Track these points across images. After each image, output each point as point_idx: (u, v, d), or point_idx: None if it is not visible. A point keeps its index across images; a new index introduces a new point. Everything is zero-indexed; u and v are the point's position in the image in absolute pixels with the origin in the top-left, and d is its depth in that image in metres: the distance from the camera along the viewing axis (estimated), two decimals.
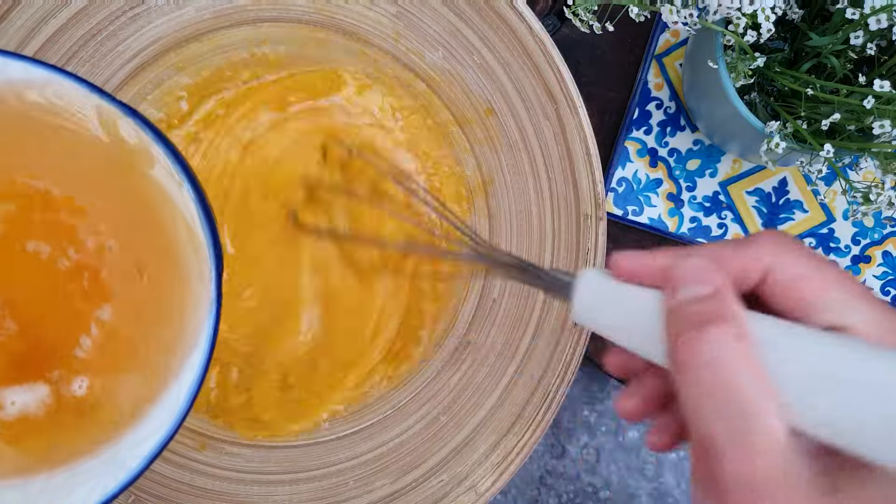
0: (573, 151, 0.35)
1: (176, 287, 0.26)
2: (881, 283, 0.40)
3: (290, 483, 0.35)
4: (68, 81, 0.24)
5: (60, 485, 0.25)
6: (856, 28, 0.28)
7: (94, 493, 0.24)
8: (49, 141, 0.25)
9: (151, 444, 0.24)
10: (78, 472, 0.25)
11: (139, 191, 0.26)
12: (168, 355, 0.26)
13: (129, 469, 0.24)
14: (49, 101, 0.24)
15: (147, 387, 0.26)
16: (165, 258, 0.26)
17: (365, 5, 0.35)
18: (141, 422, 0.25)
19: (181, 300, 0.26)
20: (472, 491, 0.34)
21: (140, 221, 0.26)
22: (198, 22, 0.35)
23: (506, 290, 0.36)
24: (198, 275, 0.25)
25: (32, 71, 0.24)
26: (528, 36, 0.34)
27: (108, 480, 0.24)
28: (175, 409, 0.25)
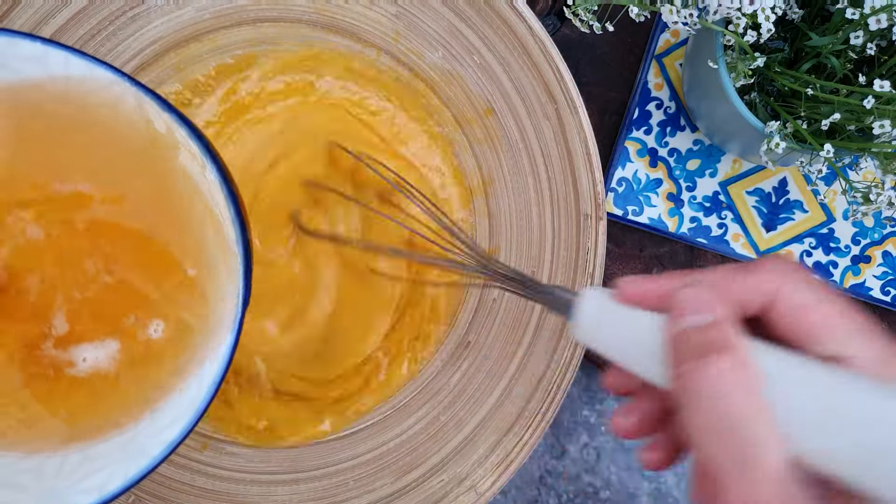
0: (573, 151, 0.35)
1: (204, 275, 0.26)
2: (881, 283, 0.40)
3: (290, 483, 0.35)
4: (103, 70, 0.24)
5: (73, 469, 0.25)
6: (856, 28, 0.28)
7: (114, 478, 0.24)
8: (83, 140, 0.26)
9: (175, 431, 0.24)
10: (91, 455, 0.25)
11: (168, 181, 0.26)
12: (193, 343, 0.26)
13: (152, 456, 0.24)
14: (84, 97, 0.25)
15: (172, 373, 0.26)
16: (196, 252, 0.26)
17: (365, 5, 0.35)
18: (162, 407, 0.26)
19: (209, 286, 0.26)
20: (473, 491, 0.35)
21: (172, 214, 0.26)
22: (198, 22, 0.35)
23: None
24: (224, 269, 0.25)
25: (73, 62, 0.24)
26: (527, 36, 0.34)
27: (128, 466, 0.24)
28: (198, 397, 0.25)
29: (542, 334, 0.35)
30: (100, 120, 0.25)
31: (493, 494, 0.35)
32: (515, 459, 0.35)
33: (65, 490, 0.24)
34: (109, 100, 0.25)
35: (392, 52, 0.36)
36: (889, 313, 0.41)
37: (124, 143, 0.25)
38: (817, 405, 0.16)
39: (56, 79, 0.24)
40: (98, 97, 0.25)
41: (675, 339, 0.18)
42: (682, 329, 0.18)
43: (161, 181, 0.26)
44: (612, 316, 0.20)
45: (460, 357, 0.36)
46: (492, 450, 0.35)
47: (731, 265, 0.19)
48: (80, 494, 0.24)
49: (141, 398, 0.26)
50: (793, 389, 0.16)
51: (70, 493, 0.24)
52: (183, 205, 0.26)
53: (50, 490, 0.24)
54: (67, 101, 0.25)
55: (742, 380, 0.17)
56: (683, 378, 0.17)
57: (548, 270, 0.36)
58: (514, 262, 0.37)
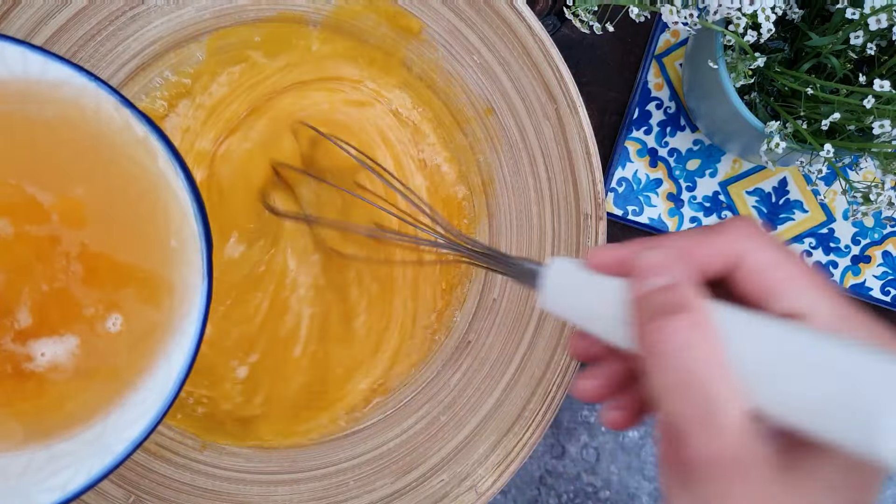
0: (573, 151, 0.35)
1: (165, 269, 0.26)
2: (881, 283, 0.40)
3: (290, 483, 0.35)
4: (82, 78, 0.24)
5: (40, 467, 0.25)
6: (856, 28, 0.28)
7: (77, 476, 0.24)
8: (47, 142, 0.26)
9: (139, 428, 0.24)
10: (57, 453, 0.25)
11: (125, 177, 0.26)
12: (155, 338, 0.26)
13: (115, 453, 0.24)
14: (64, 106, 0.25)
15: (135, 368, 0.26)
16: (151, 250, 0.26)
17: (365, 5, 0.35)
18: (128, 403, 0.25)
19: (172, 278, 0.26)
20: (473, 491, 0.35)
21: (126, 210, 0.26)
22: (197, 22, 0.35)
23: (505, 290, 0.36)
24: (185, 262, 0.25)
25: (51, 67, 0.24)
26: (527, 36, 0.34)
27: (92, 463, 0.24)
28: (163, 392, 0.25)
29: (542, 334, 0.35)
30: (61, 118, 0.25)
31: (493, 494, 0.35)
32: (515, 459, 0.35)
33: (30, 488, 0.24)
34: (69, 97, 0.25)
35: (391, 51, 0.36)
36: (889, 313, 0.41)
37: (84, 140, 0.25)
38: (774, 358, 0.17)
39: (16, 78, 0.24)
40: (58, 94, 0.25)
41: (638, 300, 0.19)
42: (644, 291, 0.19)
43: (117, 176, 0.26)
44: (579, 283, 0.21)
45: (460, 357, 0.36)
46: (492, 449, 0.35)
47: (697, 228, 0.20)
48: (44, 493, 0.24)
49: (104, 395, 0.26)
50: (751, 344, 0.17)
51: (35, 492, 0.24)
52: (142, 200, 0.26)
53: (14, 489, 0.24)
54: (29, 101, 0.25)
55: (701, 337, 0.17)
56: (646, 338, 0.18)
57: None
58: None
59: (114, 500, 0.33)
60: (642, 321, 0.18)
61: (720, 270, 0.19)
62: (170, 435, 0.35)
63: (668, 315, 0.18)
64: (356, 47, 0.36)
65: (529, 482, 0.41)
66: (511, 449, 0.35)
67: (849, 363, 0.16)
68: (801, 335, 0.17)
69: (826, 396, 0.16)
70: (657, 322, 0.18)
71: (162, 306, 0.26)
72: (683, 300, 0.18)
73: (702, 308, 0.18)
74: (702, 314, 0.18)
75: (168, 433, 0.35)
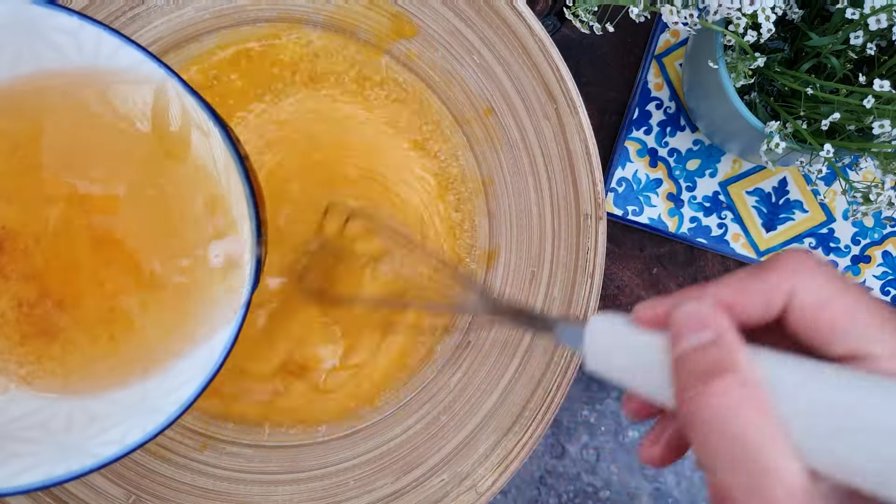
0: (573, 151, 0.35)
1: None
2: (881, 283, 0.40)
3: (290, 483, 0.35)
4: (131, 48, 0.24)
5: (85, 426, 0.26)
6: (856, 28, 0.28)
7: (132, 432, 0.25)
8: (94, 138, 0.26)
9: (188, 390, 0.25)
10: (98, 414, 0.26)
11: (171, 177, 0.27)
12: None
13: (167, 413, 0.25)
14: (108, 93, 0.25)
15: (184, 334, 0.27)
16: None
17: (365, 5, 0.35)
18: (170, 367, 0.27)
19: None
20: (473, 490, 0.35)
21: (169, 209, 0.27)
22: (197, 22, 0.35)
23: (506, 290, 0.36)
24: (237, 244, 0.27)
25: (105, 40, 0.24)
26: (527, 35, 0.34)
27: (146, 422, 0.25)
28: (207, 363, 0.26)
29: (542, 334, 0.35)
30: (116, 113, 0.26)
31: (493, 494, 0.35)
32: (515, 459, 0.35)
33: (83, 443, 0.25)
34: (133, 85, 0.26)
35: (391, 52, 0.36)
36: None
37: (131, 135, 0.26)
38: (833, 415, 0.15)
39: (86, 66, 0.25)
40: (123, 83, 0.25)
41: (676, 361, 0.17)
42: (681, 350, 0.17)
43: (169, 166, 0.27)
44: (622, 340, 0.19)
45: (460, 357, 0.36)
46: (492, 449, 0.35)
47: (746, 269, 0.18)
48: (100, 447, 0.25)
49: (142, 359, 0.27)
50: (804, 401, 0.15)
51: (89, 447, 0.25)
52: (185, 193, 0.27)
53: (64, 444, 0.25)
54: (88, 87, 0.26)
55: (749, 399, 0.16)
56: (688, 404, 0.16)
57: (548, 270, 0.36)
58: (514, 262, 0.37)
59: (114, 500, 0.33)
60: (684, 384, 0.16)
61: (772, 315, 0.17)
62: (170, 435, 0.35)
63: (711, 376, 0.16)
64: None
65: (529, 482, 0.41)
66: (511, 449, 0.35)
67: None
68: (859, 384, 0.15)
69: (889, 453, 0.14)
70: (700, 385, 0.16)
71: (213, 281, 0.27)
72: (728, 358, 0.16)
73: (747, 364, 0.16)
74: (750, 371, 0.16)
75: (168, 433, 0.35)
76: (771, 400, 0.16)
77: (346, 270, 0.35)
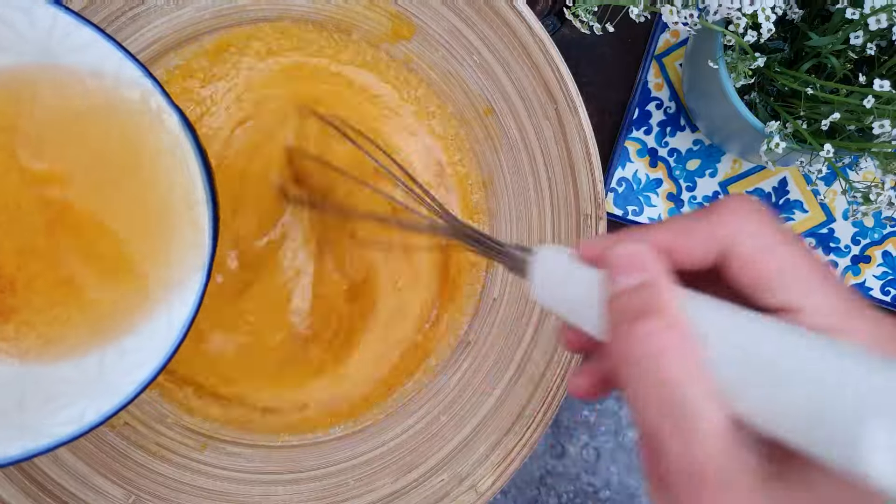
0: (573, 151, 0.35)
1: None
2: (881, 283, 0.40)
3: (290, 483, 0.35)
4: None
5: (38, 407, 0.26)
6: (856, 28, 0.28)
7: (87, 413, 0.25)
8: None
9: (145, 371, 0.25)
10: (52, 394, 0.26)
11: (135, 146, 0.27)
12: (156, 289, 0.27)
13: (125, 394, 0.25)
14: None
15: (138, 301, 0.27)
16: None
17: (365, 5, 0.35)
18: (127, 347, 0.27)
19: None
20: (473, 490, 0.35)
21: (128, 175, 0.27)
22: (197, 22, 0.35)
23: (506, 289, 0.36)
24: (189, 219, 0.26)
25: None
26: (527, 35, 0.34)
27: (101, 403, 0.25)
28: (165, 342, 0.26)
29: (542, 334, 0.35)
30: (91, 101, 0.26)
31: (493, 494, 0.35)
32: (516, 459, 0.35)
33: (42, 422, 0.25)
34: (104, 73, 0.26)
35: (391, 51, 0.36)
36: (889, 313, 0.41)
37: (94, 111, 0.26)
38: (755, 361, 0.15)
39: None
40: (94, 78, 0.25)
41: (609, 301, 0.17)
42: (615, 290, 0.17)
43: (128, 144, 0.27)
44: (564, 274, 0.20)
45: (460, 357, 0.36)
46: (492, 449, 0.35)
47: (690, 212, 0.18)
48: (58, 427, 0.25)
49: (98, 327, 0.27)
50: (729, 347, 0.16)
51: (48, 426, 0.25)
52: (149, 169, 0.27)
53: (20, 424, 0.25)
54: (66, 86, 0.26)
55: (675, 342, 0.16)
56: (616, 343, 0.17)
57: None
58: None
59: (114, 500, 0.33)
60: (614, 323, 0.17)
61: (711, 259, 0.17)
62: (170, 435, 0.35)
63: (640, 318, 0.16)
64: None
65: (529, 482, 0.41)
66: (511, 449, 0.35)
67: (833, 369, 0.14)
68: (784, 335, 0.15)
69: (806, 406, 0.14)
70: (629, 325, 0.16)
71: (170, 260, 0.27)
72: (656, 301, 0.16)
73: (676, 308, 0.16)
74: (676, 315, 0.16)
75: (169, 433, 0.35)
76: (698, 345, 0.16)
77: (324, 179, 0.35)
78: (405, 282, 0.36)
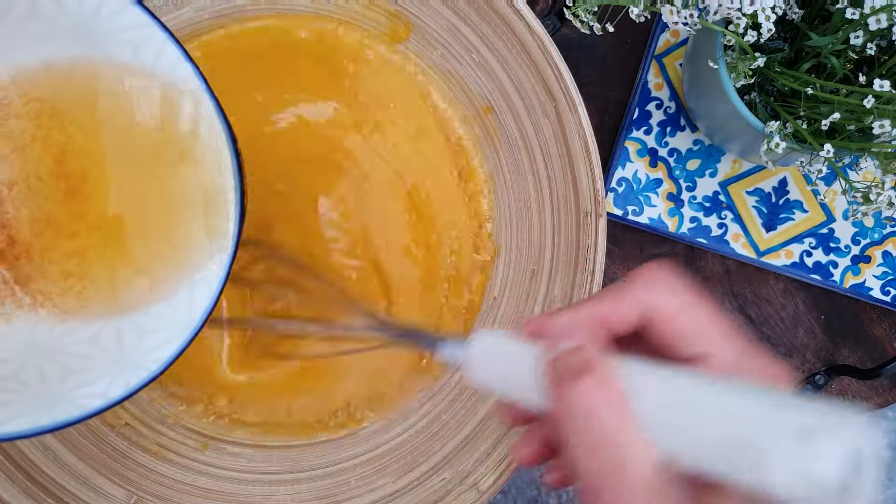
0: (572, 149, 0.35)
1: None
2: (881, 283, 0.40)
3: (291, 483, 0.35)
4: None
5: (63, 378, 0.26)
6: (856, 28, 0.28)
7: (114, 387, 0.25)
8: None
9: (169, 350, 0.26)
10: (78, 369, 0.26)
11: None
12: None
13: (150, 370, 0.25)
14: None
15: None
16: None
17: (364, 5, 0.35)
18: (148, 328, 0.27)
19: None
20: (474, 489, 0.35)
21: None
22: (196, 22, 0.35)
23: (506, 288, 0.36)
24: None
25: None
26: (526, 34, 0.34)
27: (128, 377, 0.25)
28: (188, 322, 0.26)
29: None
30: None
31: (494, 493, 0.35)
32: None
33: (70, 394, 0.25)
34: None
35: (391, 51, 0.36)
36: (889, 313, 0.41)
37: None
38: (676, 407, 0.18)
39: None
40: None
41: (547, 366, 0.20)
42: (551, 357, 0.20)
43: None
44: (500, 355, 0.22)
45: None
46: (493, 448, 0.35)
47: (616, 284, 0.21)
48: (84, 399, 0.25)
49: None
50: (654, 397, 0.18)
51: (74, 398, 0.25)
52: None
53: (46, 395, 0.25)
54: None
55: (606, 396, 0.18)
56: (556, 402, 0.19)
57: (548, 269, 0.36)
58: (514, 261, 0.37)
59: (115, 501, 0.33)
60: (552, 385, 0.19)
61: (635, 324, 0.20)
62: (171, 435, 0.35)
63: (573, 378, 0.18)
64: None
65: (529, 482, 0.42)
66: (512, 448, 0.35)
67: (736, 406, 0.17)
68: (698, 382, 0.18)
69: (720, 440, 0.17)
70: (565, 385, 0.19)
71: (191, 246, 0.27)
72: (589, 361, 0.19)
73: (606, 368, 0.19)
74: (606, 373, 0.19)
75: (170, 433, 0.35)
76: (626, 398, 0.18)
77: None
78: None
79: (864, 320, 0.41)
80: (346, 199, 0.36)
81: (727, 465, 0.17)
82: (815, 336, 0.41)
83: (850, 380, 0.40)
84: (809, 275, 0.40)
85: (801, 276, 0.40)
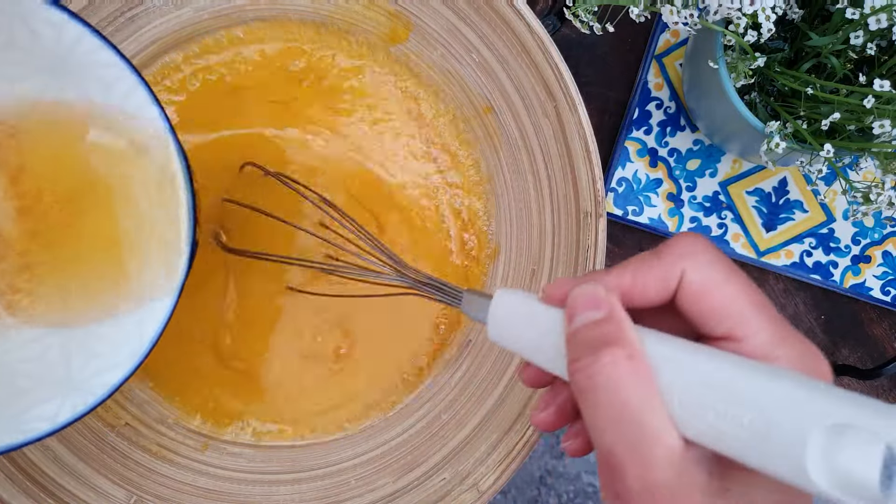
0: (572, 149, 0.35)
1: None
2: (881, 283, 0.40)
3: (291, 483, 0.35)
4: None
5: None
6: (856, 28, 0.28)
7: (62, 411, 0.25)
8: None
9: (117, 372, 0.26)
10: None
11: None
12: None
13: (97, 395, 0.25)
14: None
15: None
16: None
17: (364, 5, 0.35)
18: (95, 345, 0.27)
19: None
20: (474, 489, 0.35)
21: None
22: (196, 23, 0.35)
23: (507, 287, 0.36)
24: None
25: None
26: (526, 34, 0.34)
27: (75, 401, 0.25)
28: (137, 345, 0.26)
29: None
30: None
31: (494, 493, 0.35)
32: (517, 458, 0.35)
33: (19, 417, 0.25)
34: None
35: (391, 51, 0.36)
36: (889, 313, 0.41)
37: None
38: (703, 389, 0.17)
39: None
40: None
41: (569, 336, 0.19)
42: (577, 327, 0.19)
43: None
44: (523, 315, 0.21)
45: (461, 356, 0.36)
46: (493, 448, 0.35)
47: (645, 252, 0.20)
48: (34, 422, 0.25)
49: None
50: (681, 375, 0.17)
51: (25, 421, 0.25)
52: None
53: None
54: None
55: (632, 370, 0.17)
56: (578, 373, 0.18)
57: (548, 269, 0.36)
58: (515, 259, 0.37)
59: (115, 501, 0.33)
60: (575, 356, 0.18)
61: (664, 295, 0.19)
62: (171, 435, 0.35)
63: (600, 349, 0.18)
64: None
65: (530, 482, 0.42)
66: (512, 447, 0.35)
67: (772, 393, 0.16)
68: (729, 364, 0.17)
69: (751, 427, 0.16)
70: (589, 357, 0.18)
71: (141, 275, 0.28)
72: (616, 333, 0.18)
73: (633, 340, 0.18)
74: (633, 347, 0.18)
75: (170, 434, 0.35)
76: (652, 374, 0.17)
77: (264, 226, 0.35)
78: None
79: (864, 320, 0.41)
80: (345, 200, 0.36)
81: (755, 453, 0.16)
82: (815, 336, 0.41)
83: (851, 380, 0.40)
84: (809, 275, 0.40)
85: (801, 276, 0.40)
